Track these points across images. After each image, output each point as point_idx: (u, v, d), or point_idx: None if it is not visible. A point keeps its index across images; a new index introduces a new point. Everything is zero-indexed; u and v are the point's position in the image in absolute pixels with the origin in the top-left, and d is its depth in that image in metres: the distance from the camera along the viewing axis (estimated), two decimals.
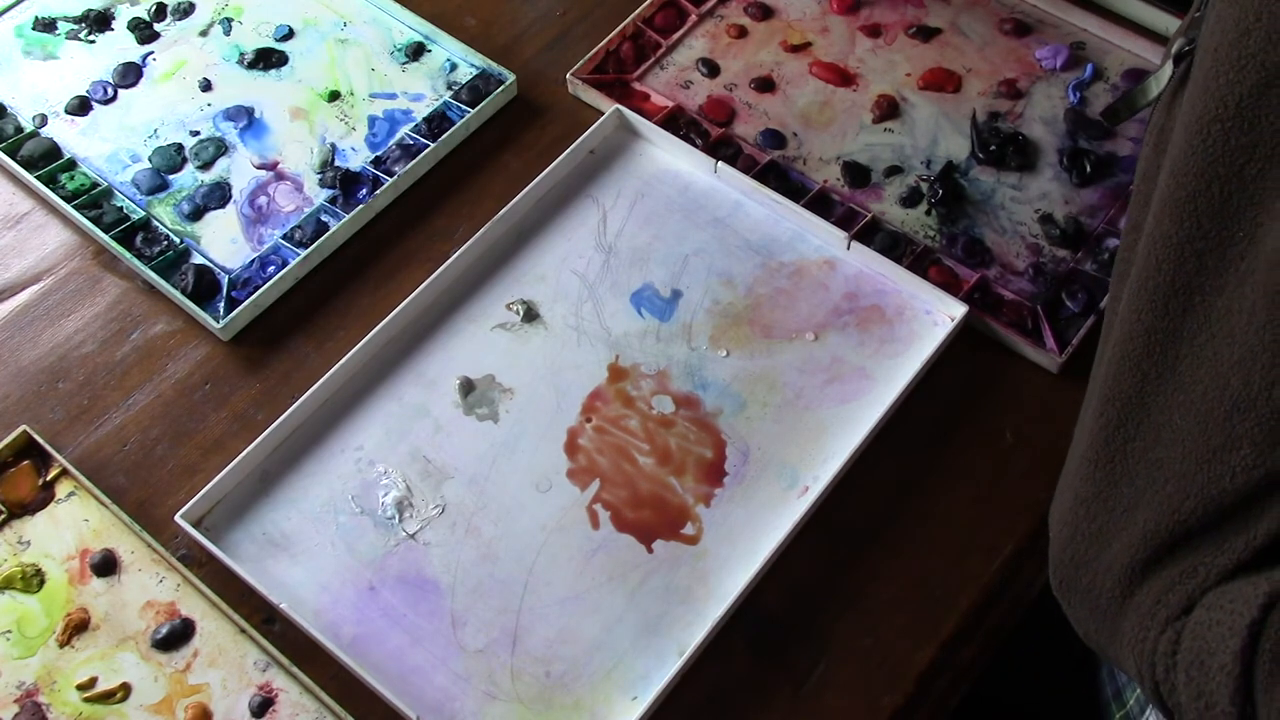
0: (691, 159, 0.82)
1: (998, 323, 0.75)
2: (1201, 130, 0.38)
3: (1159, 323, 0.41)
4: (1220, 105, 0.37)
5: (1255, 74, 0.35)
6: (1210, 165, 0.38)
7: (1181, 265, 0.40)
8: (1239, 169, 0.37)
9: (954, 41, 0.90)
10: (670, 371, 0.74)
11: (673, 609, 0.66)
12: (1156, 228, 0.41)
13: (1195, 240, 0.39)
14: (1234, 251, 0.38)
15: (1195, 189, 0.38)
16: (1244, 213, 0.37)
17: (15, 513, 0.69)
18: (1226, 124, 0.37)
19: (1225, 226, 0.38)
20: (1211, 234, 0.39)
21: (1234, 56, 0.36)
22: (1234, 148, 0.37)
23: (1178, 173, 0.39)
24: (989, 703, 0.69)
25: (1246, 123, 0.36)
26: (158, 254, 0.79)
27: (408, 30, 0.91)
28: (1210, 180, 0.38)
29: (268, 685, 0.64)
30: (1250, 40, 0.35)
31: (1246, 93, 0.36)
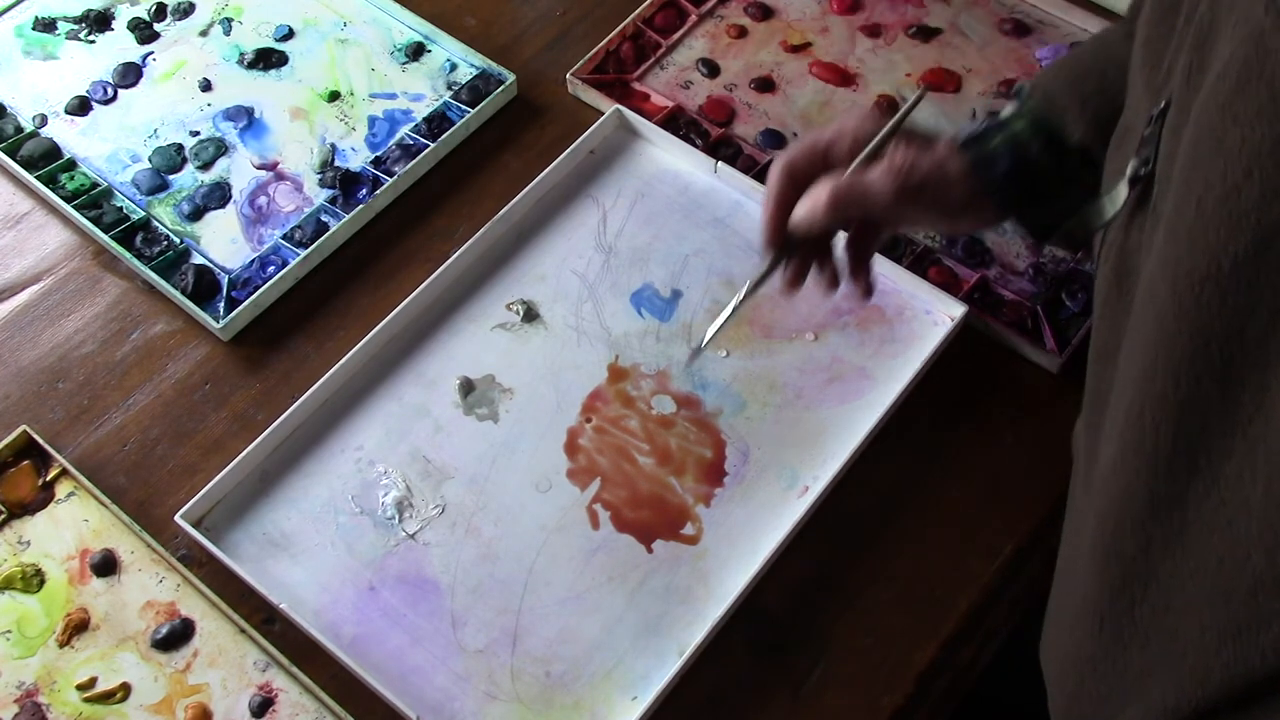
0: (691, 159, 0.82)
1: (998, 323, 0.75)
2: (1193, 289, 0.35)
3: (1161, 486, 0.39)
4: (1212, 264, 0.34)
5: (1251, 232, 0.33)
6: (1206, 325, 0.35)
7: (1182, 428, 0.37)
8: (1239, 331, 0.35)
9: (954, 41, 0.90)
10: (670, 371, 0.74)
11: (673, 609, 0.66)
12: (1150, 385, 0.38)
13: (1196, 402, 0.37)
14: (1240, 415, 0.35)
15: (1192, 349, 0.36)
16: (1248, 376, 0.35)
17: (15, 513, 0.69)
18: (1222, 283, 0.34)
19: (1229, 389, 0.36)
20: (1214, 396, 0.36)
21: (1224, 213, 0.34)
22: (1232, 308, 0.35)
23: (1169, 330, 0.37)
24: (989, 703, 0.69)
25: (1245, 283, 0.34)
26: (158, 254, 0.79)
27: (408, 30, 0.91)
28: (1207, 340, 0.35)
29: (268, 685, 0.64)
30: (1242, 198, 0.33)
31: (1242, 251, 0.33)
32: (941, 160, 0.61)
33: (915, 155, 0.61)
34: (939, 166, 0.61)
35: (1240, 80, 0.33)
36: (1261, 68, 0.32)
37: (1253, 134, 0.32)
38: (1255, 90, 0.32)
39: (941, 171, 0.61)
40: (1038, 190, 0.61)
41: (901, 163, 0.60)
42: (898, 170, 0.60)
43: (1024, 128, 0.61)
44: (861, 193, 0.60)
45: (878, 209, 0.63)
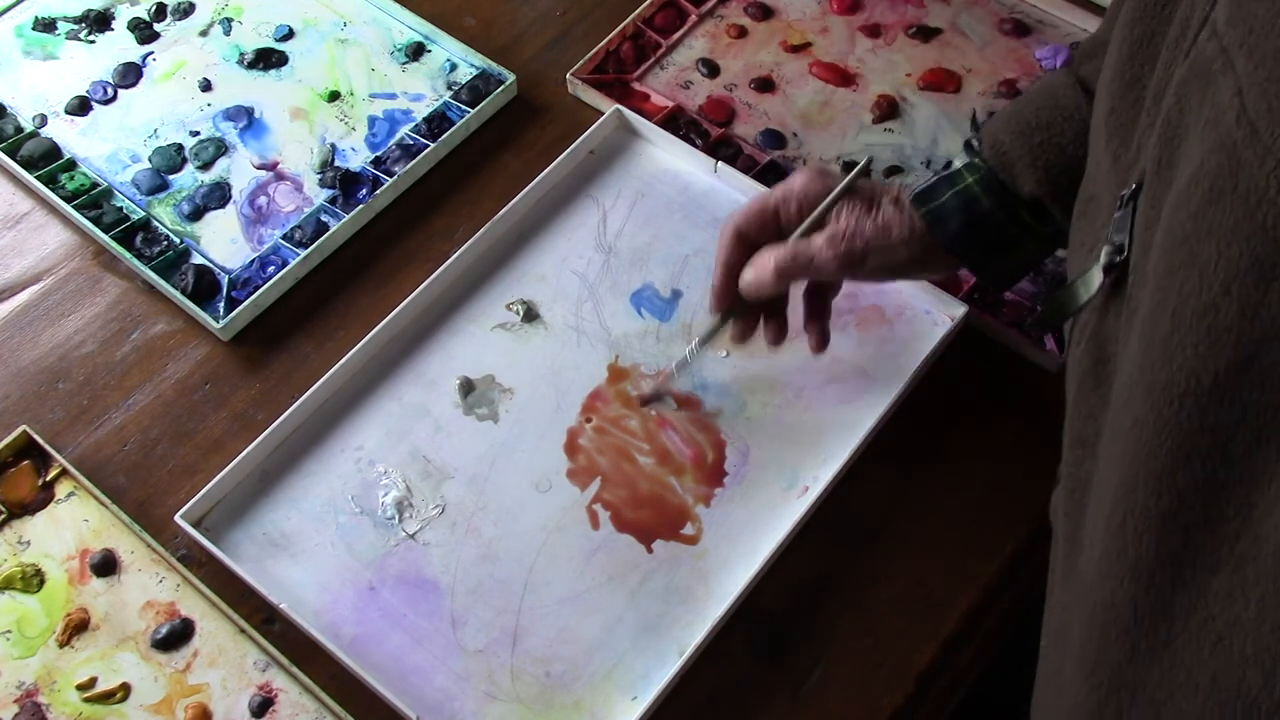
0: (691, 159, 0.82)
1: (998, 323, 0.75)
2: (1172, 402, 0.35)
3: (1145, 596, 0.38)
4: (1191, 379, 0.34)
5: (1231, 350, 0.32)
6: (1187, 440, 0.35)
7: (1165, 540, 0.36)
8: (1222, 446, 0.34)
9: (954, 41, 0.90)
10: (670, 371, 0.74)
11: (673, 609, 0.66)
12: (1132, 496, 0.37)
13: (1179, 514, 0.36)
14: (1226, 531, 0.35)
15: (1173, 463, 0.35)
16: (1233, 491, 0.34)
17: (15, 513, 0.69)
18: (1202, 399, 0.34)
19: (1213, 503, 0.35)
20: (1197, 509, 0.35)
21: (1202, 329, 0.33)
22: (1214, 424, 0.34)
23: (1149, 441, 0.36)
24: (988, 703, 0.69)
25: (1227, 399, 0.33)
26: (158, 254, 0.79)
27: (408, 30, 0.91)
28: (1189, 455, 0.35)
29: (268, 685, 0.64)
30: (1220, 315, 0.32)
31: (1223, 369, 0.33)
32: (887, 224, 0.61)
33: (858, 222, 0.61)
34: (884, 231, 0.61)
35: (1213, 192, 0.32)
36: (1235, 181, 0.31)
37: (1229, 250, 0.32)
38: (1229, 205, 0.32)
39: (886, 235, 0.61)
40: (992, 243, 0.62)
41: (844, 229, 0.61)
42: (840, 238, 0.61)
43: (975, 181, 0.61)
44: (806, 261, 0.61)
45: (822, 276, 0.64)
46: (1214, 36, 0.34)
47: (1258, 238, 0.31)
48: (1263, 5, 0.32)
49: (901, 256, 0.62)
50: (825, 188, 0.63)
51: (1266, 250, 0.31)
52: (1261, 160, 0.30)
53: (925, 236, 0.61)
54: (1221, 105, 0.32)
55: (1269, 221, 0.31)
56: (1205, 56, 0.34)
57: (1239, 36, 0.32)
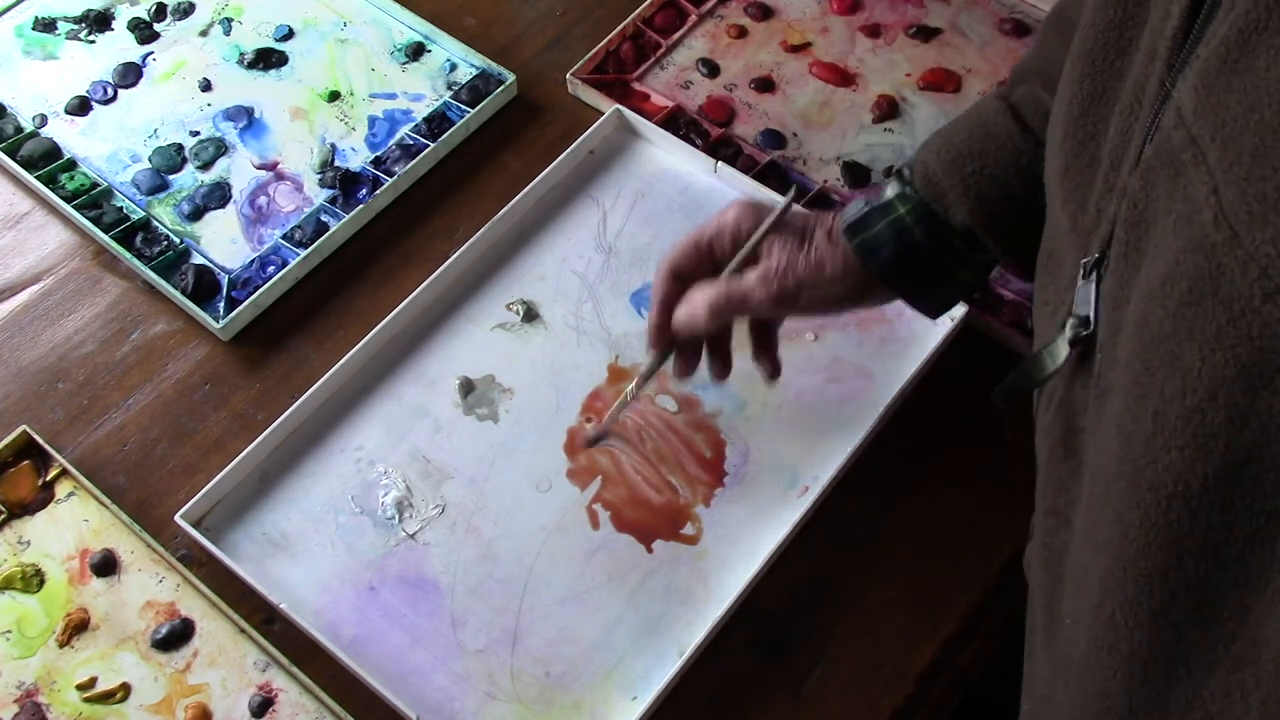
0: (691, 159, 0.82)
1: (998, 323, 0.75)
2: (1159, 504, 0.34)
3: (1140, 690, 0.37)
4: (1179, 482, 0.33)
5: (1221, 455, 0.32)
6: (1178, 541, 0.34)
7: (1158, 636, 0.36)
8: (1215, 548, 0.33)
9: (954, 41, 0.90)
10: (670, 371, 0.74)
11: (673, 609, 0.66)
12: (1119, 589, 0.36)
13: (1171, 612, 0.35)
14: (1221, 630, 0.34)
15: (1162, 563, 0.34)
16: (1228, 594, 0.33)
17: (15, 513, 0.69)
18: (1191, 503, 0.33)
19: (1207, 604, 0.34)
20: (1190, 609, 0.34)
21: (1189, 434, 0.32)
22: (1204, 527, 0.33)
23: (1136, 539, 0.35)
24: (988, 703, 0.69)
25: (1218, 504, 0.33)
26: (158, 254, 0.79)
27: (408, 30, 0.91)
28: (1180, 555, 0.34)
29: (268, 685, 0.64)
30: (1207, 421, 0.32)
31: (1212, 474, 0.32)
32: (820, 260, 0.61)
33: (789, 258, 0.61)
34: (816, 267, 0.61)
35: (1193, 294, 0.32)
36: (1216, 286, 0.31)
37: (1213, 356, 0.31)
38: (1211, 310, 0.31)
39: (819, 271, 0.61)
40: (925, 273, 0.61)
41: (776, 267, 0.61)
42: (772, 276, 0.60)
43: (907, 212, 0.60)
44: (739, 300, 0.61)
45: (757, 314, 0.63)
46: (1181, 124, 0.33)
47: (1243, 346, 0.30)
48: (1234, 97, 0.31)
49: (835, 291, 0.61)
50: (757, 220, 0.62)
51: (1253, 359, 0.30)
52: (1244, 267, 0.30)
53: (858, 270, 0.60)
54: (1196, 201, 0.32)
55: (1254, 331, 0.30)
56: (1173, 145, 0.33)
57: (1210, 129, 0.31)
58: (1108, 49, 0.42)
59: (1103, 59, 0.42)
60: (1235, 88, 0.31)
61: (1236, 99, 0.31)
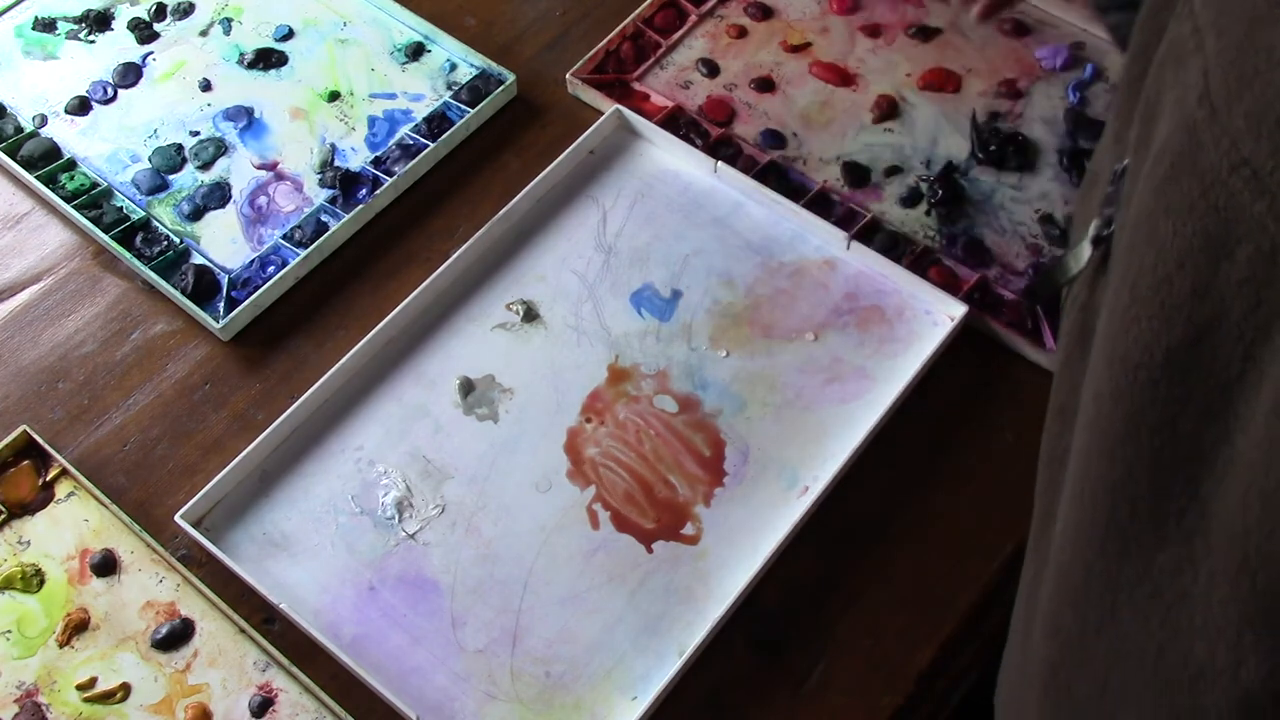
0: (691, 159, 0.82)
1: (998, 323, 0.75)
2: (1127, 374, 0.35)
3: (1096, 563, 0.38)
4: (1145, 352, 0.34)
5: (1182, 326, 0.33)
6: (1139, 411, 0.35)
7: (1115, 510, 0.37)
8: (1171, 420, 0.34)
9: (954, 41, 0.90)
10: (670, 372, 0.74)
11: (673, 609, 0.66)
12: (1087, 460, 0.38)
13: (1127, 486, 0.36)
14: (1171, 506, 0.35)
15: (1124, 433, 0.35)
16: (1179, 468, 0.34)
17: (15, 513, 0.69)
18: (1154, 372, 0.34)
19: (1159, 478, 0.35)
20: (1144, 483, 0.35)
21: (1156, 303, 0.33)
22: (1164, 398, 0.34)
23: (1105, 408, 0.36)
24: (989, 704, 0.69)
25: (1176, 375, 0.33)
26: (158, 254, 0.79)
27: (408, 30, 0.91)
28: (1139, 427, 0.35)
29: (268, 685, 0.64)
30: (1173, 290, 0.33)
31: (1174, 344, 0.33)
32: None
33: None
34: None
35: (1173, 169, 0.33)
36: (1194, 161, 0.32)
37: (1183, 227, 0.32)
38: (1187, 183, 0.32)
39: None
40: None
41: None
42: None
43: None
44: None
45: None
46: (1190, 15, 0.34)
47: (1210, 217, 0.31)
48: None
49: None
50: None
51: (1218, 230, 0.31)
52: (1218, 141, 0.31)
53: None
54: (1188, 84, 0.33)
55: (1220, 202, 0.31)
56: (1181, 36, 0.34)
57: (1211, 16, 0.32)
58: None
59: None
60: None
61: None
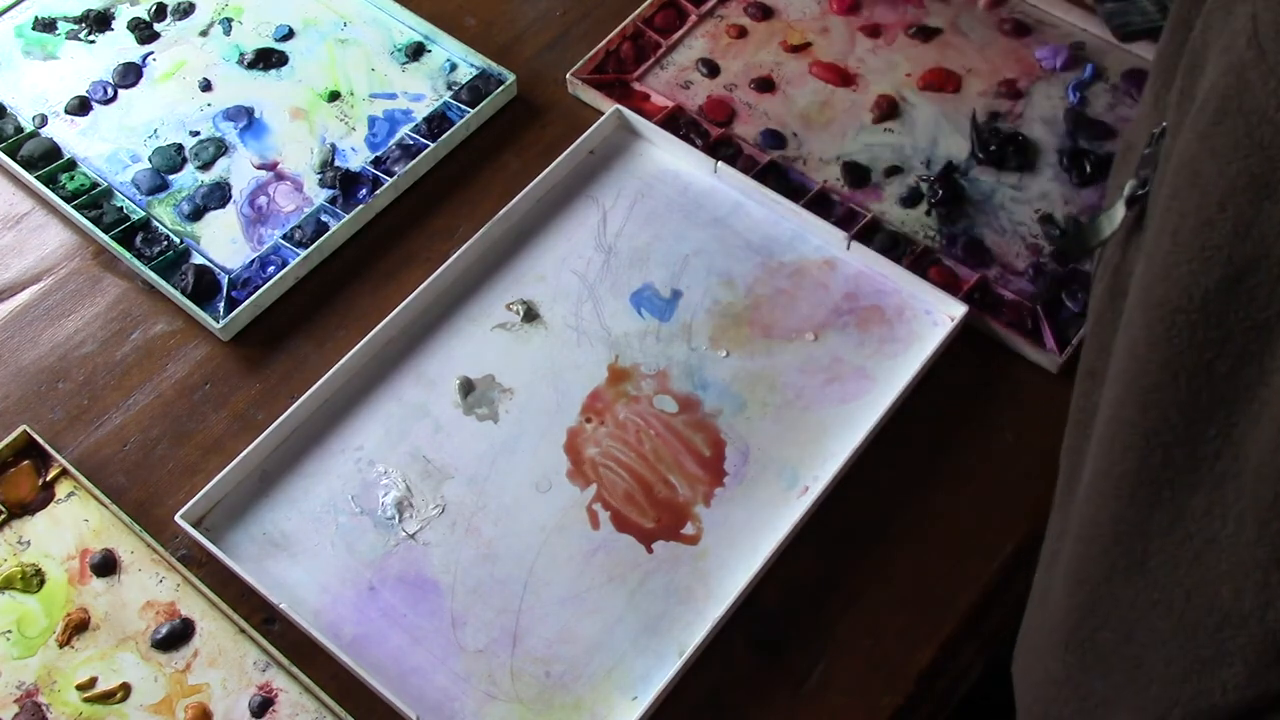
0: (691, 159, 0.82)
1: (998, 323, 0.75)
2: (1164, 319, 0.35)
3: (1125, 511, 0.38)
4: (1184, 296, 0.34)
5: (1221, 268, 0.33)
6: (1175, 356, 0.35)
7: (1148, 457, 0.37)
8: (1207, 364, 0.34)
9: (954, 41, 0.90)
10: (670, 372, 0.74)
11: (673, 609, 0.66)
12: (1120, 410, 0.38)
13: (1162, 433, 0.36)
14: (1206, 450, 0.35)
15: (1159, 379, 0.35)
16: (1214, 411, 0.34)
17: (15, 513, 0.69)
18: (1192, 316, 0.34)
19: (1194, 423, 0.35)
20: (1179, 428, 0.36)
21: (1197, 246, 0.33)
22: (1200, 341, 0.34)
23: (1139, 356, 0.36)
24: (988, 703, 0.69)
25: (1214, 317, 0.33)
26: (158, 254, 0.79)
27: (408, 30, 0.91)
28: (1175, 372, 0.35)
29: (268, 685, 0.64)
30: (1214, 232, 0.33)
31: (1213, 286, 0.33)
32: None
33: None
34: None
35: (1219, 112, 0.33)
36: (1240, 100, 0.32)
37: (1228, 168, 0.32)
38: (1232, 124, 0.32)
39: None
40: None
41: None
42: None
43: None
44: None
45: None
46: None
47: (1255, 156, 0.31)
48: None
49: None
50: None
51: (1262, 168, 0.31)
52: (1265, 80, 0.31)
53: None
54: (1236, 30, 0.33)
55: (1266, 139, 0.31)
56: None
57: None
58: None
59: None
60: None
61: None
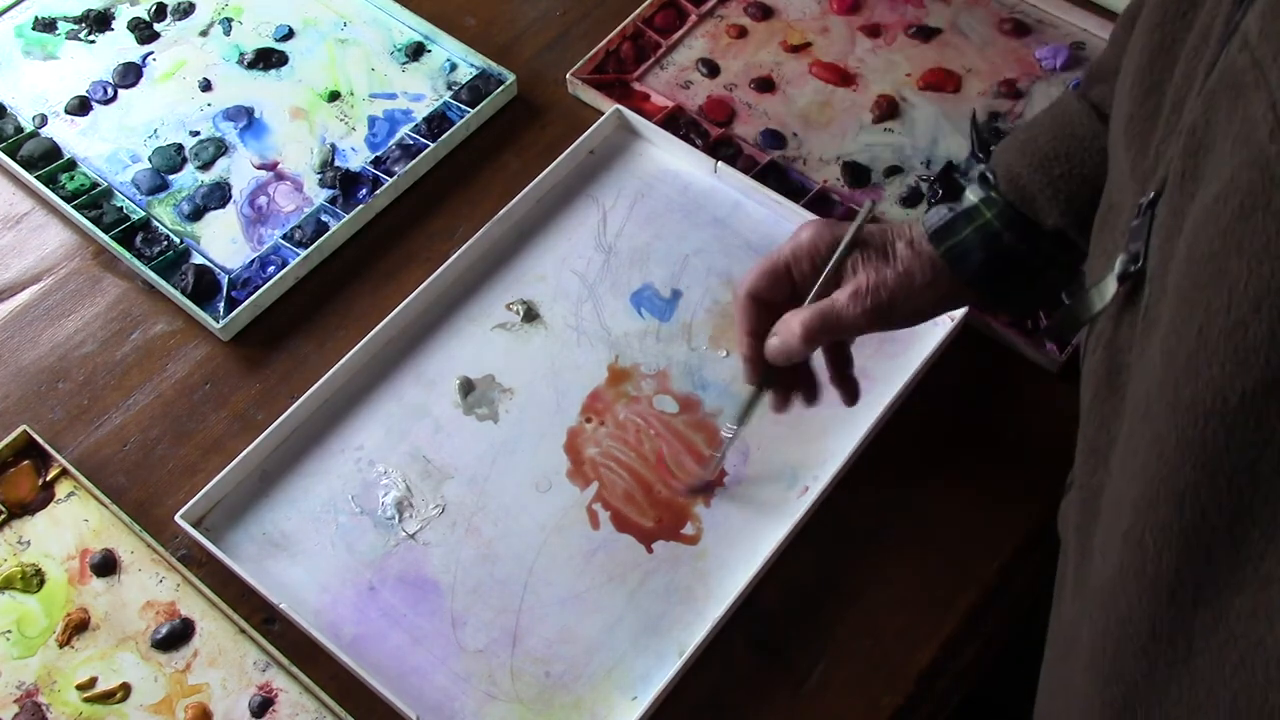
0: (691, 159, 0.82)
1: (998, 323, 0.75)
2: (1196, 421, 0.34)
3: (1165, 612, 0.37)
4: (1217, 399, 0.33)
5: (1260, 370, 0.32)
6: (1213, 458, 0.34)
7: (1187, 557, 0.36)
8: (1249, 465, 0.33)
9: (954, 41, 0.90)
10: (670, 372, 0.74)
11: (673, 609, 0.66)
12: (1152, 512, 0.36)
13: (1202, 533, 0.35)
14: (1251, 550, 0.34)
15: (1195, 479, 0.34)
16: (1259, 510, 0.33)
17: (15, 513, 0.69)
18: (1228, 419, 0.33)
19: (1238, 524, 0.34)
20: (1220, 529, 0.34)
21: (1229, 349, 0.32)
22: (1240, 444, 0.33)
23: (1170, 459, 0.35)
24: (988, 703, 0.69)
25: (1254, 419, 0.32)
26: (158, 254, 0.79)
27: (408, 30, 0.91)
28: (1214, 474, 0.34)
29: (268, 685, 0.64)
30: (1250, 334, 0.32)
31: (1250, 389, 0.32)
32: (908, 270, 0.61)
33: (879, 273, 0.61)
34: (906, 278, 0.61)
35: (1245, 208, 0.32)
36: (1269, 199, 0.31)
37: (1260, 268, 0.31)
38: (1262, 222, 0.31)
39: (909, 282, 0.61)
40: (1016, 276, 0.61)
41: (866, 284, 0.60)
42: (864, 292, 0.60)
43: (994, 216, 0.60)
44: (834, 321, 0.61)
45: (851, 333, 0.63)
46: (1246, 47, 0.33)
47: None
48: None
49: (927, 299, 0.61)
50: (833, 239, 0.62)
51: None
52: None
53: (947, 277, 0.61)
54: (1254, 119, 0.32)
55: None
56: (1236, 68, 0.33)
57: (1273, 49, 0.32)
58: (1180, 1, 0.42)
59: (1174, 8, 0.42)
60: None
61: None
